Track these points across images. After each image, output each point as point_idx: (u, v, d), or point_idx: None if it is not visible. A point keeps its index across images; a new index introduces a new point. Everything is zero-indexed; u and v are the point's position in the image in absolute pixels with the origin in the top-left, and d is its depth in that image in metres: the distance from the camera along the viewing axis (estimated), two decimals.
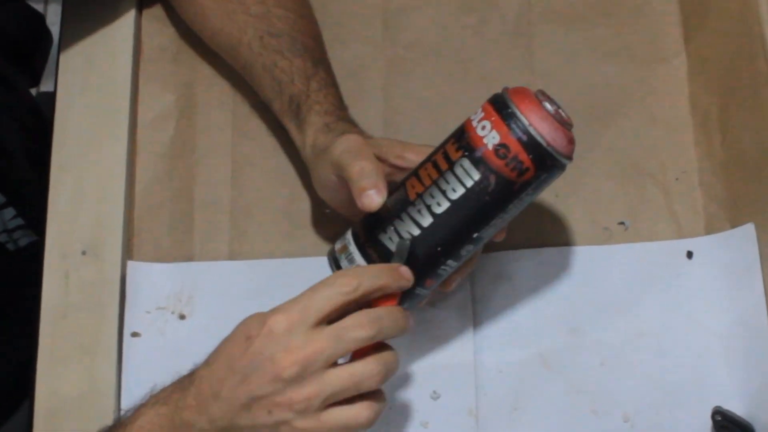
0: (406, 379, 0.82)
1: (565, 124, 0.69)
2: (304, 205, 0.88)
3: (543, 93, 0.70)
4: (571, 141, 0.70)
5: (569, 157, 0.70)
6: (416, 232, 0.71)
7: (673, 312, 0.83)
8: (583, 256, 0.85)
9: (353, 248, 0.74)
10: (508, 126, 0.69)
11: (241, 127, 0.90)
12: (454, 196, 0.70)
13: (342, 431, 0.67)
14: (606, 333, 0.83)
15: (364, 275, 0.68)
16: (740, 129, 0.84)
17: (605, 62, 0.91)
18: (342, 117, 0.81)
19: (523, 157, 0.69)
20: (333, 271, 0.74)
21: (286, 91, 0.82)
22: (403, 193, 0.72)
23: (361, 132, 0.80)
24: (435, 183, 0.71)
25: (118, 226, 0.86)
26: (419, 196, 0.71)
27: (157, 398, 0.71)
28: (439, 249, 0.72)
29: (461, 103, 0.83)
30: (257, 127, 0.90)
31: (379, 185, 0.72)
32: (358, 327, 0.67)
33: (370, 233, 0.73)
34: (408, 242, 0.71)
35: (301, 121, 0.81)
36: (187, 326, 0.84)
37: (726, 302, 0.83)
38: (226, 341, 0.68)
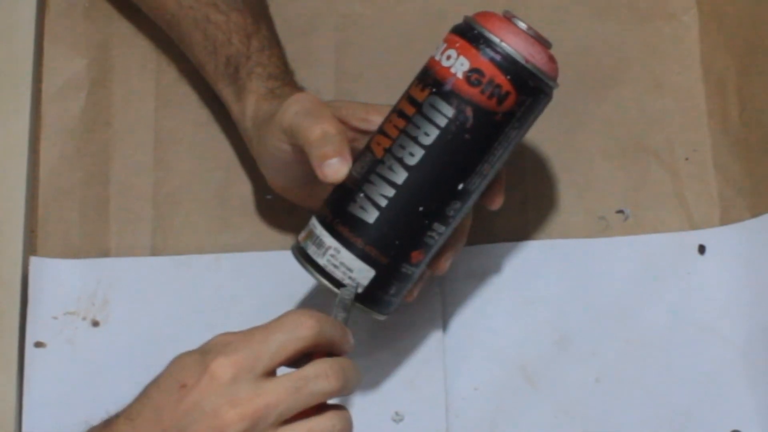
0: (361, 399, 0.80)
1: (542, 40, 0.70)
2: (242, 189, 0.86)
3: (511, 12, 0.70)
4: (552, 59, 0.70)
5: (553, 78, 0.71)
6: (390, 192, 0.70)
7: (683, 318, 0.81)
8: (575, 251, 0.83)
9: (320, 230, 0.72)
10: (477, 47, 0.69)
11: (166, 95, 0.88)
12: (428, 141, 0.70)
13: None
14: (602, 343, 0.81)
15: (324, 320, 0.66)
16: (763, 98, 0.84)
17: (600, 18, 0.89)
18: (288, 82, 0.80)
19: (501, 79, 0.69)
20: (303, 268, 0.72)
21: (221, 52, 0.80)
22: (369, 153, 0.72)
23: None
24: (403, 131, 0.70)
25: (18, 216, 0.84)
26: (388, 150, 0.71)
27: None
28: (421, 209, 0.71)
29: None
30: (186, 95, 0.88)
31: (344, 152, 0.71)
32: (323, 378, 0.64)
33: (337, 207, 0.72)
34: (354, 288, 0.70)
35: (240, 87, 0.79)
36: (101, 335, 0.81)
37: (745, 306, 0.81)
38: (154, 389, 0.65)
